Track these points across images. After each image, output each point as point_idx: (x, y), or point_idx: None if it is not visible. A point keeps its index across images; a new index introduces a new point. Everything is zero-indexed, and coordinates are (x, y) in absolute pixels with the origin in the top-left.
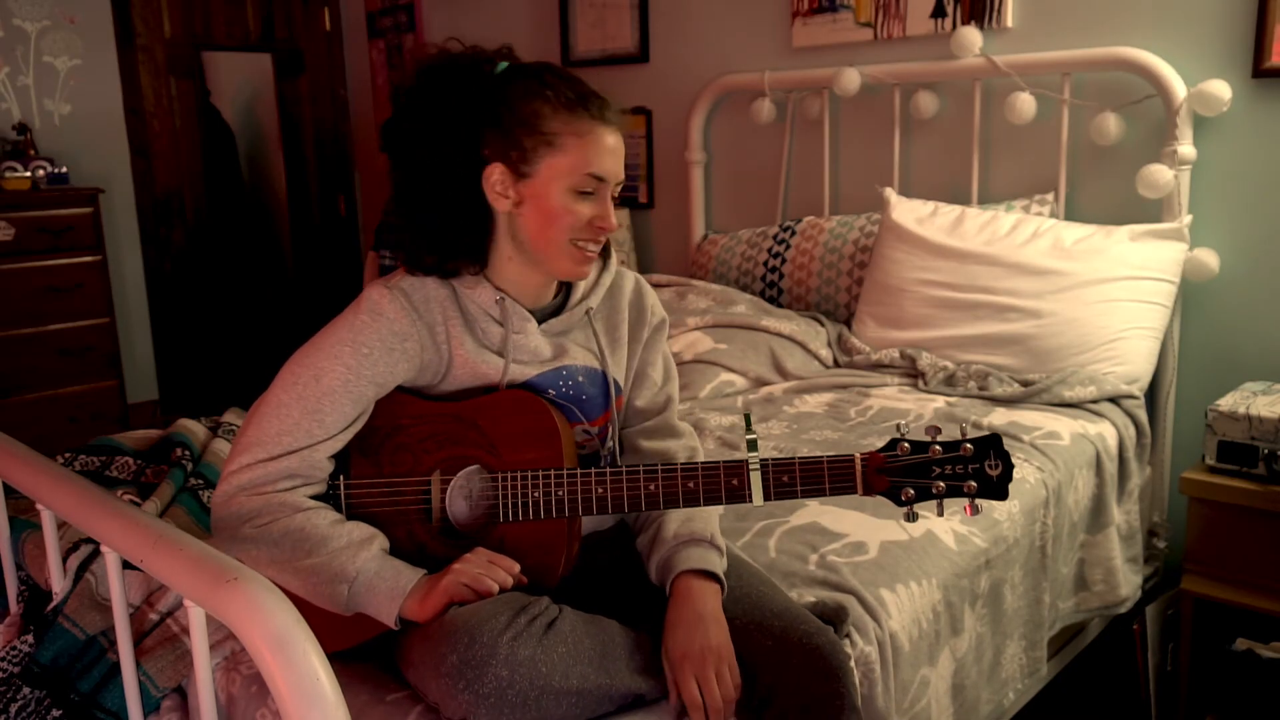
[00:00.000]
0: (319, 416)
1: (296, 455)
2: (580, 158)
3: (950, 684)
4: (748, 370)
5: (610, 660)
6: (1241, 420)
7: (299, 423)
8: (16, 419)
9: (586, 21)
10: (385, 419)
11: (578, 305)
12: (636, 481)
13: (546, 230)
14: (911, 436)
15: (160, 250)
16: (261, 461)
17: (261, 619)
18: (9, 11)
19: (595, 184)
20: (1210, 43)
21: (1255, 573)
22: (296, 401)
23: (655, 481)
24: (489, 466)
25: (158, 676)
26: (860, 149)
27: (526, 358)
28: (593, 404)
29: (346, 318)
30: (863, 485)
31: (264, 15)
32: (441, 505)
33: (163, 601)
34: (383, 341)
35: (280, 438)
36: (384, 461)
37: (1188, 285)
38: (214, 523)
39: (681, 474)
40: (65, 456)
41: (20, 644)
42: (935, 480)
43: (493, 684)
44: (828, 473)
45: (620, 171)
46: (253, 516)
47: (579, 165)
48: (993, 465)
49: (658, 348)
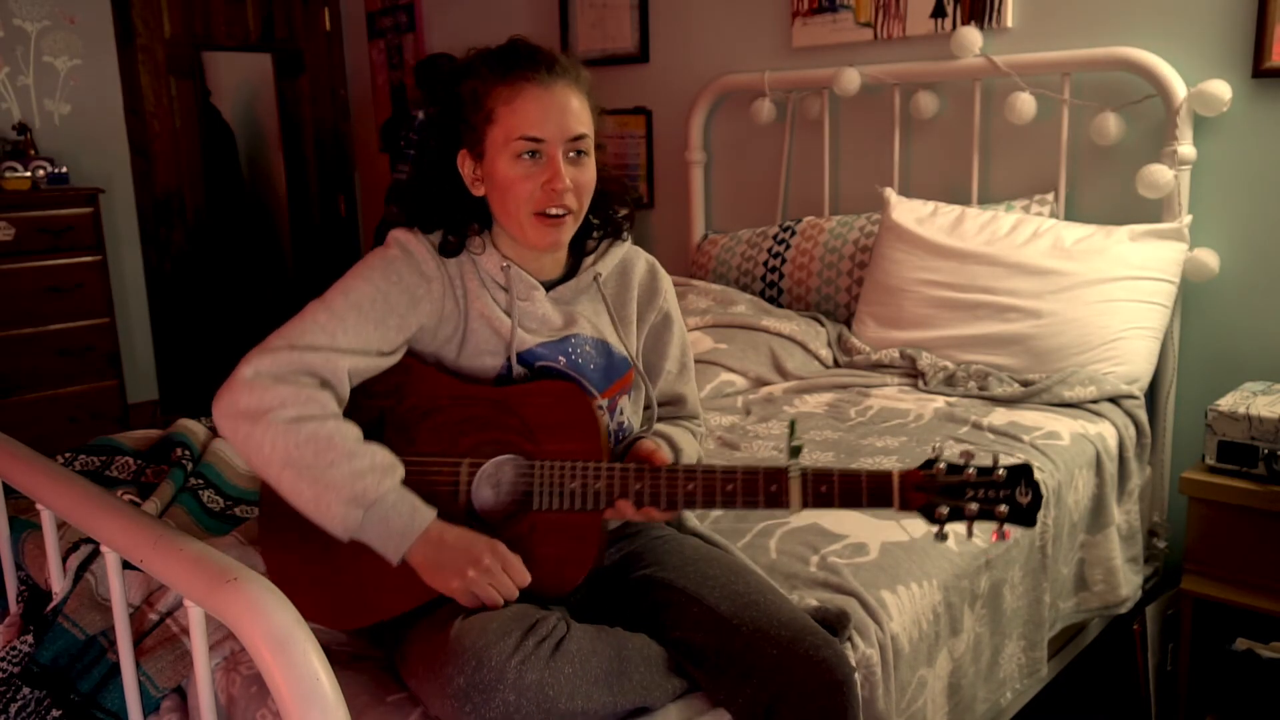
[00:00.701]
0: (343, 323)
1: (320, 353)
2: (511, 123)
3: (946, 683)
4: (748, 370)
5: (617, 678)
6: (1241, 420)
7: (324, 325)
8: (16, 419)
9: (586, 21)
10: (425, 398)
11: (585, 271)
12: (675, 480)
13: (505, 205)
14: (946, 458)
15: (160, 250)
16: (284, 349)
17: (261, 619)
18: (9, 11)
19: (535, 145)
20: (1210, 43)
21: (1255, 573)
22: (323, 308)
23: (695, 481)
24: (526, 454)
25: (157, 677)
26: (860, 149)
27: (535, 325)
28: (601, 375)
29: (377, 252)
30: (899, 500)
31: (264, 15)
32: (467, 490)
33: (162, 601)
34: (411, 273)
35: (303, 335)
36: (418, 439)
37: (1188, 285)
38: (228, 405)
39: (721, 476)
40: (65, 456)
41: (20, 644)
42: (969, 502)
43: (499, 709)
44: (865, 486)
45: (568, 127)
46: (280, 405)
47: (511, 131)
48: (1023, 493)
49: (669, 341)
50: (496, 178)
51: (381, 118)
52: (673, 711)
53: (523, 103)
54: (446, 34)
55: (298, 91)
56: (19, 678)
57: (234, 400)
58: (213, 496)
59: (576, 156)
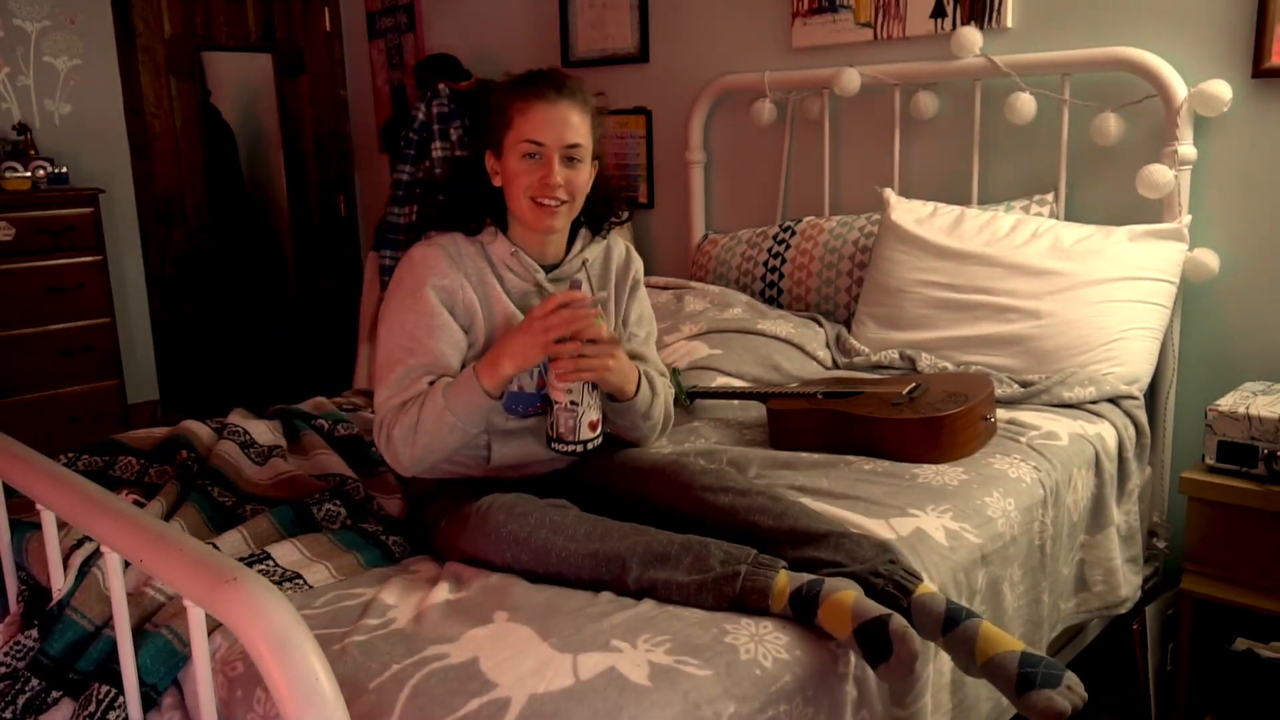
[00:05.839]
0: (432, 348)
1: (415, 384)
2: (522, 128)
3: (950, 680)
4: (744, 374)
5: (602, 536)
6: (1241, 420)
7: (409, 369)
8: (16, 419)
9: (586, 21)
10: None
11: (575, 256)
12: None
13: (513, 191)
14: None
15: (160, 250)
16: (396, 409)
17: (261, 619)
18: (9, 11)
19: (536, 148)
20: (1210, 43)
21: (1255, 573)
22: (403, 350)
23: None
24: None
25: (184, 633)
26: (860, 149)
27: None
28: None
29: (401, 276)
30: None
31: (264, 15)
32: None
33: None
34: (434, 280)
35: (401, 389)
36: None
37: (1188, 285)
38: (397, 466)
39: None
40: (68, 456)
41: (24, 638)
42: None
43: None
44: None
45: (564, 137)
46: (401, 440)
47: (521, 134)
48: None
49: (635, 309)
50: (508, 171)
51: (381, 118)
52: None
53: (533, 113)
54: (446, 34)
55: (298, 91)
56: (28, 670)
57: (399, 463)
58: (224, 492)
59: (571, 161)
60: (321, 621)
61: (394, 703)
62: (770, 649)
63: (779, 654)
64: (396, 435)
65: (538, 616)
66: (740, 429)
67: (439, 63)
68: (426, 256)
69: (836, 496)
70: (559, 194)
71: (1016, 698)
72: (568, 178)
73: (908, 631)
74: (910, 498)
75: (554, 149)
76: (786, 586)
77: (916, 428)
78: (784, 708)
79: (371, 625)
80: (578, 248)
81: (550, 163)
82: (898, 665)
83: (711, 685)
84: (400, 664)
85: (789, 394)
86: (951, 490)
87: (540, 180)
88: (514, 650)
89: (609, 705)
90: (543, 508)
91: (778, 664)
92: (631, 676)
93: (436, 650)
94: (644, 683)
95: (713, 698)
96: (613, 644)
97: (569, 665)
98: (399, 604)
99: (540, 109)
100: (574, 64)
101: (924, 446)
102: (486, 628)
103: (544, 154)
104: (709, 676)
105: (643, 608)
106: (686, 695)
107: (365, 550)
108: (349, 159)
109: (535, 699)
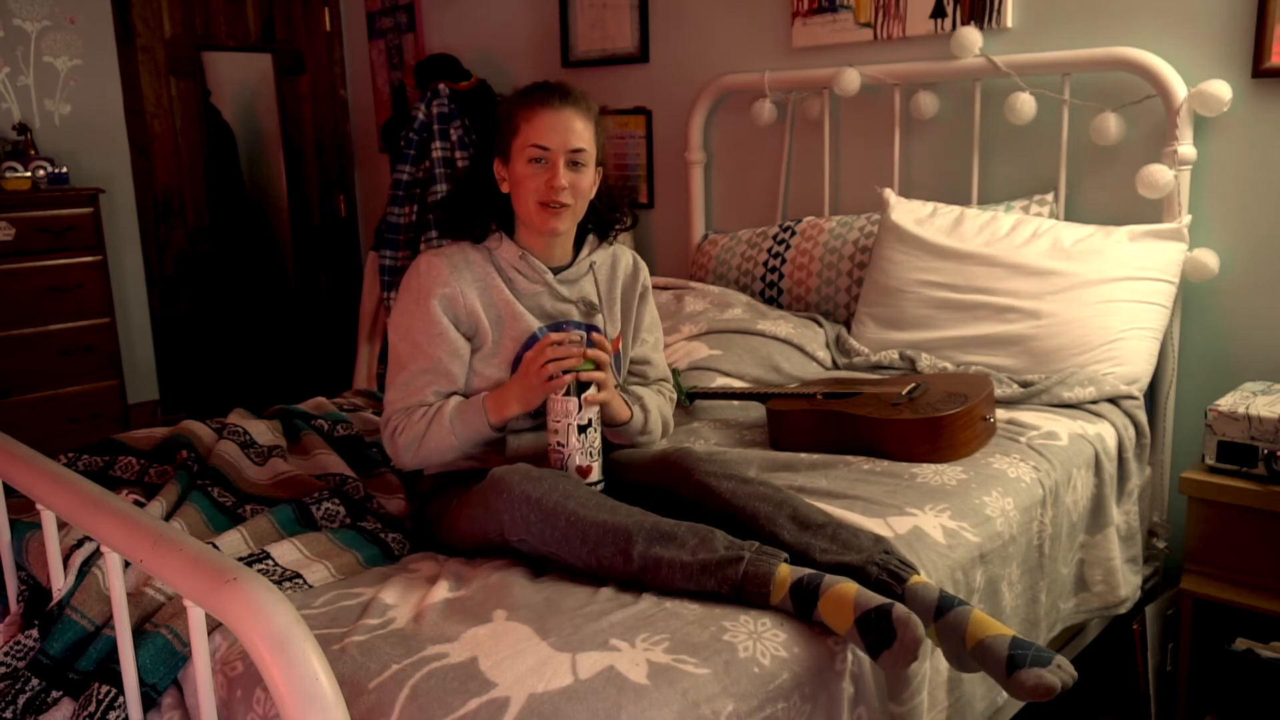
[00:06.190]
0: (431, 354)
1: (424, 392)
2: (528, 134)
3: (946, 677)
4: (744, 374)
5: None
6: (1241, 420)
7: (416, 373)
8: (16, 419)
9: (586, 21)
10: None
11: (583, 259)
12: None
13: (520, 195)
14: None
15: (160, 250)
16: (402, 413)
17: (261, 619)
18: (9, 11)
19: (542, 153)
20: (1210, 43)
21: (1255, 573)
22: (408, 355)
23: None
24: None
25: (184, 633)
26: (860, 149)
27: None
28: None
29: (407, 283)
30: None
31: (264, 15)
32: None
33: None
34: (437, 290)
35: (408, 395)
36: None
37: (1187, 285)
38: (399, 461)
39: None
40: (68, 456)
41: (24, 638)
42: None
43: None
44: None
45: (569, 142)
46: (405, 446)
47: (527, 139)
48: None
49: (645, 314)
50: (515, 176)
51: (381, 118)
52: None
53: (538, 120)
54: (446, 34)
55: (298, 91)
56: (29, 669)
57: (400, 463)
58: (223, 493)
59: (575, 166)
60: (321, 621)
61: (394, 702)
62: (768, 647)
63: (777, 652)
64: (401, 442)
65: (536, 615)
66: (740, 429)
67: (439, 63)
68: (432, 266)
69: (836, 496)
70: (564, 197)
71: (1006, 678)
72: (572, 181)
73: (911, 618)
74: (909, 497)
75: (559, 153)
76: (788, 577)
77: (916, 428)
78: (782, 705)
79: (371, 625)
80: (585, 251)
81: (555, 166)
82: (901, 651)
83: (710, 683)
84: (400, 664)
85: (789, 394)
86: (950, 490)
87: (546, 183)
88: (513, 649)
89: (608, 705)
90: (557, 476)
91: (776, 661)
92: (630, 675)
93: (436, 650)
94: (643, 681)
95: (711, 696)
96: (611, 643)
97: (568, 664)
98: (399, 603)
99: (545, 115)
100: (574, 64)
101: (924, 447)
102: (486, 627)
103: (549, 158)
104: (707, 675)
105: (641, 606)
106: (685, 694)
107: (364, 548)
108: (349, 159)
109: (534, 698)
